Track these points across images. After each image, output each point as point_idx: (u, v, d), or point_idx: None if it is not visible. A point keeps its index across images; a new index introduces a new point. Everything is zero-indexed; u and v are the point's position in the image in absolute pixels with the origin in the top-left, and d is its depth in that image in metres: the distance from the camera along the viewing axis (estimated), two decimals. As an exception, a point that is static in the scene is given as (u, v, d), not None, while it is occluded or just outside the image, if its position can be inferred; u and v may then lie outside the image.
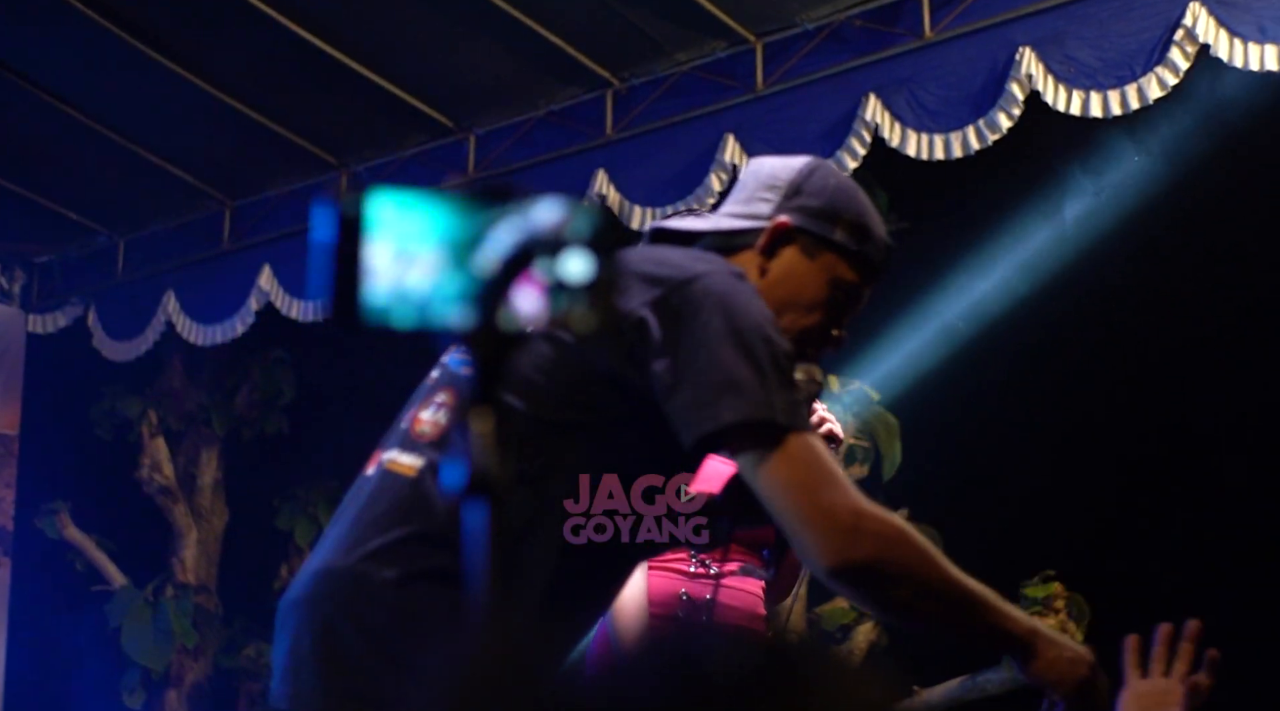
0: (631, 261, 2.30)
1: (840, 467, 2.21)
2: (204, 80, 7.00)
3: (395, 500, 2.28)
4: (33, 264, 8.82)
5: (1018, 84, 5.71)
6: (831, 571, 2.17)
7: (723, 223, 2.48)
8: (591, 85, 6.85)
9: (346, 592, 2.26)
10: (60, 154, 7.71)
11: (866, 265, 2.46)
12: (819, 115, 6.23)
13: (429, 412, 2.33)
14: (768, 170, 2.51)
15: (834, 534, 2.15)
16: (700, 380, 2.16)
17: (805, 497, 2.15)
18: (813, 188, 2.47)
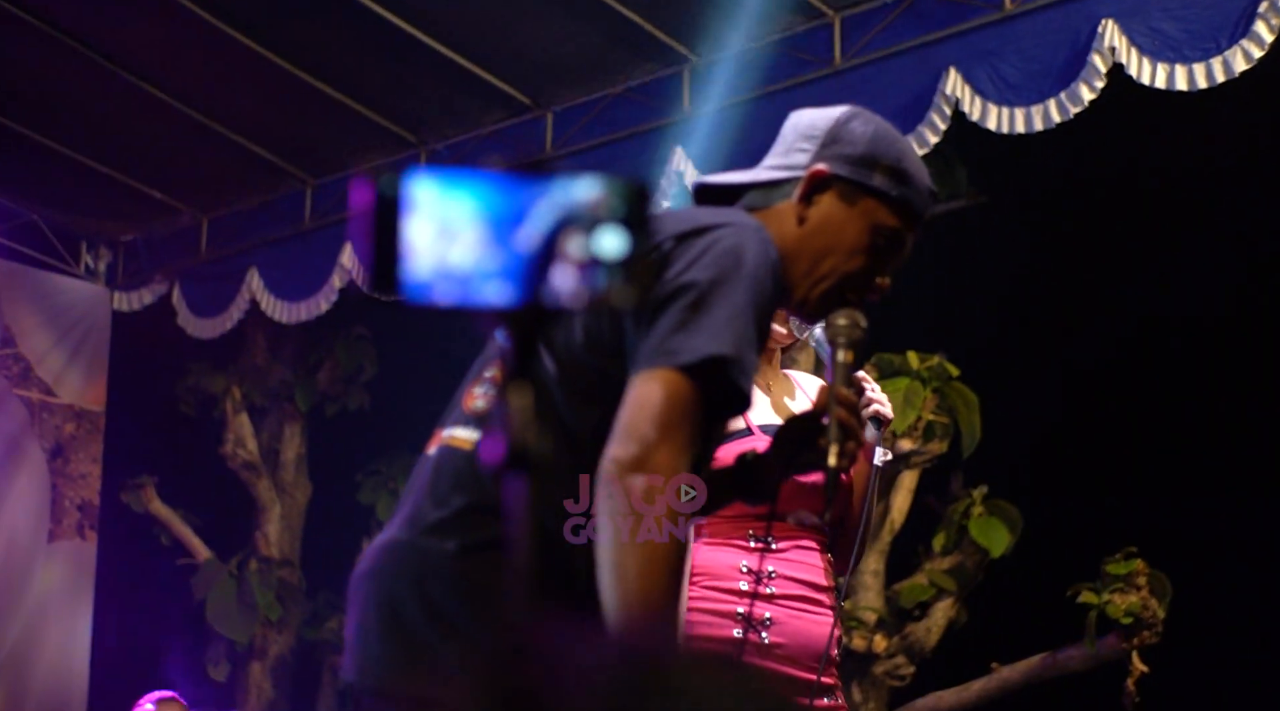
0: (664, 222, 2.33)
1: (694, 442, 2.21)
2: (285, 59, 7.05)
3: (454, 473, 2.32)
4: (117, 242, 8.92)
5: (1100, 56, 5.65)
6: (606, 477, 2.18)
7: (761, 175, 2.50)
8: (668, 61, 6.84)
9: (409, 565, 2.30)
10: (144, 133, 7.78)
11: (908, 210, 2.45)
12: (898, 90, 6.19)
13: (481, 388, 2.38)
14: (806, 121, 2.52)
15: (636, 454, 2.17)
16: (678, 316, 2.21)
17: (650, 423, 2.17)
18: (850, 135, 2.48)
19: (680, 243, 2.28)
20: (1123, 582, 6.84)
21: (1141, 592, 6.85)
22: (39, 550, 8.57)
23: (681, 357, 2.19)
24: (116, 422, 8.99)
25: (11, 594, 8.25)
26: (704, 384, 2.21)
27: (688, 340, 2.20)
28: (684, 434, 2.20)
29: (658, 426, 2.18)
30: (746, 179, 2.52)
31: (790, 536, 3.20)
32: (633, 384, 2.22)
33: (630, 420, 2.19)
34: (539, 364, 2.32)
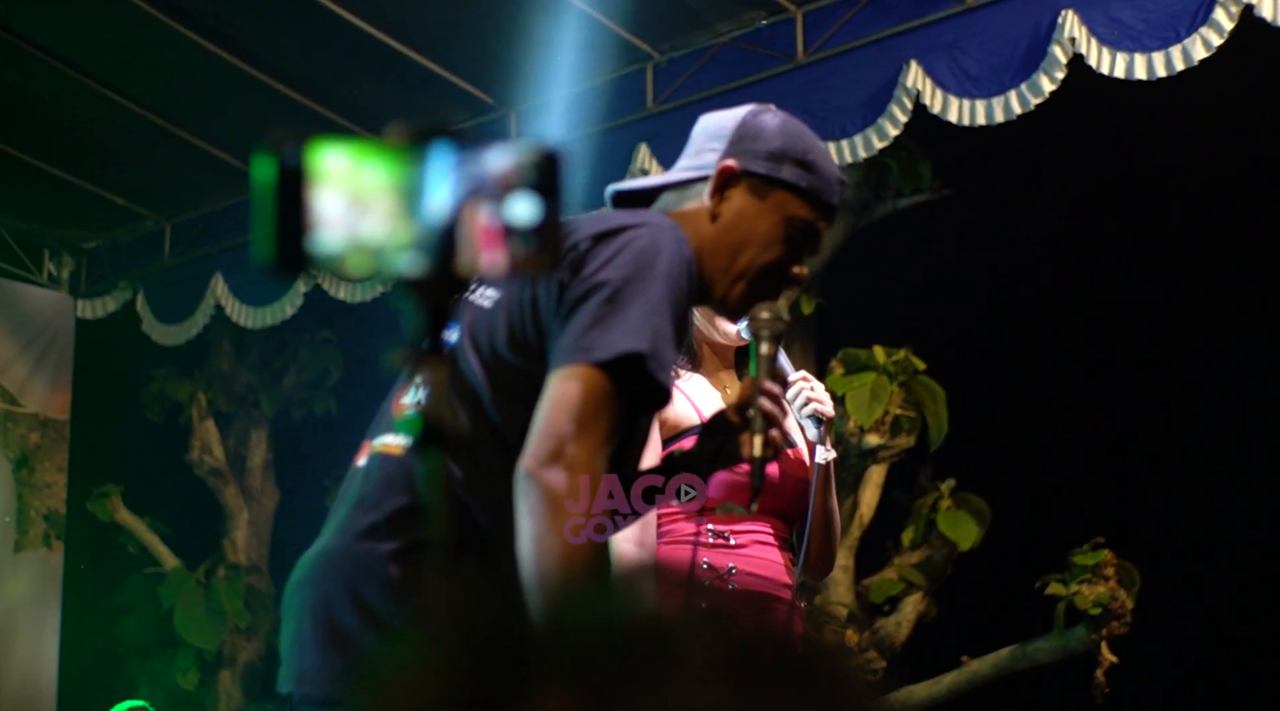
0: (581, 224, 2.36)
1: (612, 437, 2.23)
2: (248, 63, 7.03)
3: (386, 478, 2.34)
4: (81, 250, 8.88)
5: (1060, 47, 5.68)
6: (523, 474, 2.20)
7: (673, 177, 2.55)
8: (632, 59, 6.85)
9: (343, 571, 2.32)
10: (106, 139, 7.75)
11: (818, 200, 2.50)
12: (860, 83, 6.21)
13: (410, 395, 2.35)
14: (715, 122, 2.57)
15: (552, 449, 2.19)
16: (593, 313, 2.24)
17: (566, 419, 2.19)
18: (756, 131, 2.53)
19: (596, 243, 2.30)
20: (1090, 573, 6.87)
21: (1109, 583, 6.87)
22: (5, 561, 8.52)
23: (597, 354, 2.21)
24: (82, 431, 8.95)
25: (-22, 604, 8.21)
26: (621, 380, 2.22)
27: (603, 336, 2.22)
28: (601, 430, 2.22)
29: (575, 422, 2.20)
30: (660, 182, 2.56)
31: (750, 533, 3.20)
32: (549, 381, 2.23)
33: (547, 417, 2.21)
34: (466, 364, 2.37)
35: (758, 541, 3.20)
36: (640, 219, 2.37)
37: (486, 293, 2.44)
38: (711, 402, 3.21)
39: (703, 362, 3.30)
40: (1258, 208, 6.94)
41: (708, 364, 3.31)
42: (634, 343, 2.22)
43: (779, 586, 3.20)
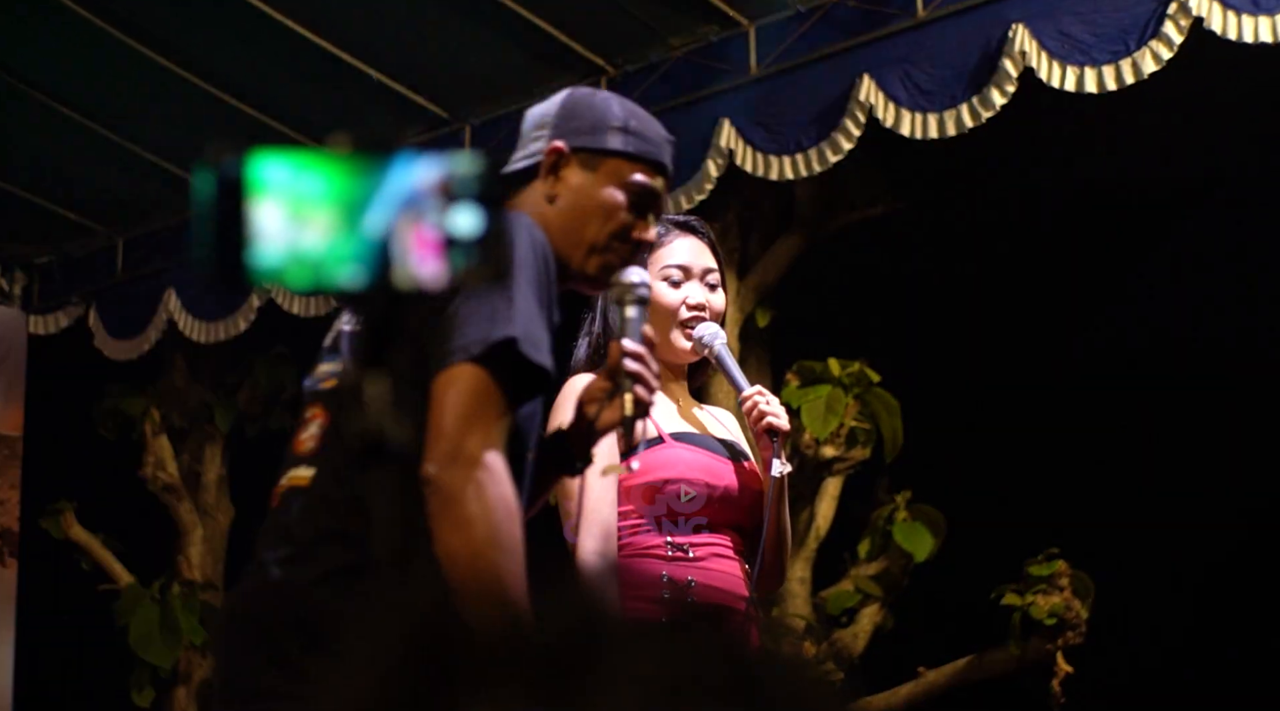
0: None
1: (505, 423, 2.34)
2: (201, 78, 7.00)
3: (301, 509, 2.41)
4: (32, 265, 8.82)
5: (1010, 60, 5.70)
6: (425, 476, 2.27)
7: (505, 170, 2.64)
8: (585, 73, 6.84)
9: (269, 604, 2.38)
10: (58, 154, 7.71)
11: (647, 160, 2.60)
12: (814, 97, 6.22)
13: (306, 432, 2.48)
14: (537, 113, 2.69)
15: (447, 449, 2.27)
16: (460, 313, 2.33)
17: (456, 418, 2.28)
18: (576, 109, 2.64)
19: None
20: (1045, 584, 6.89)
21: (1064, 593, 6.90)
22: (-43, 578, 8.45)
23: (472, 350, 2.30)
24: (35, 447, 8.88)
25: (-71, 623, 8.13)
26: (498, 368, 2.31)
27: (474, 331, 2.31)
28: (491, 422, 2.31)
29: (464, 419, 2.28)
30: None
31: (708, 546, 3.20)
32: (434, 387, 2.31)
33: (436, 421, 2.29)
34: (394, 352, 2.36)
35: (716, 554, 3.20)
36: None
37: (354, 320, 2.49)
38: (667, 415, 3.23)
39: (661, 379, 3.30)
40: (1211, 218, 6.99)
41: (664, 380, 3.28)
42: (503, 330, 2.30)
43: (737, 598, 3.20)
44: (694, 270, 3.28)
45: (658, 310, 3.17)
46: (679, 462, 3.18)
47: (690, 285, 3.27)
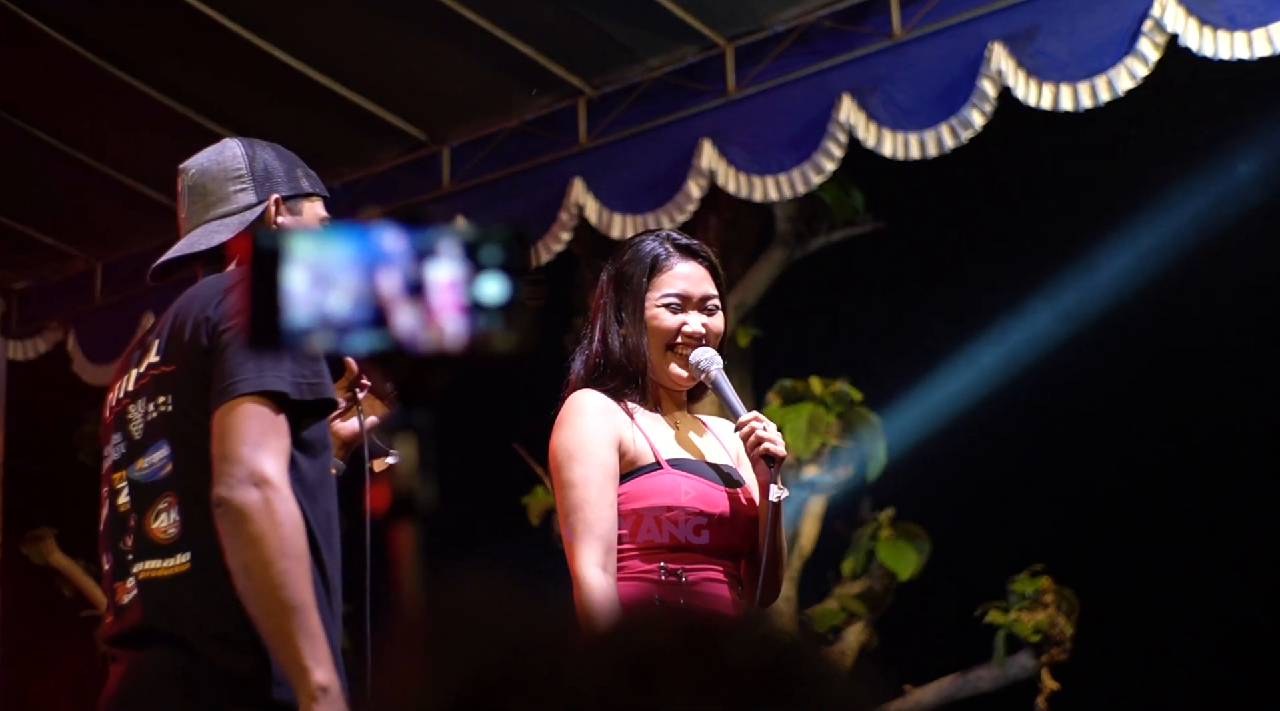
0: (205, 295, 2.73)
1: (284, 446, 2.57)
2: (175, 100, 6.98)
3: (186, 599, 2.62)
4: (10, 290, 8.78)
5: (989, 80, 5.70)
6: (217, 499, 2.50)
7: (217, 235, 2.85)
8: (564, 93, 6.84)
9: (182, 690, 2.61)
10: (34, 179, 7.68)
11: (319, 191, 2.96)
12: (793, 117, 6.21)
13: (161, 520, 2.66)
14: (216, 170, 2.90)
15: (237, 473, 2.48)
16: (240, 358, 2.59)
17: (239, 440, 2.50)
18: (267, 163, 2.90)
19: (226, 295, 2.64)
20: (1030, 600, 6.89)
21: (1049, 610, 6.90)
22: (-62, 606, 8.41)
23: (251, 385, 2.54)
24: (15, 473, 8.84)
25: (-90, 651, 8.09)
26: (277, 397, 2.55)
27: (251, 368, 2.55)
28: (275, 445, 2.54)
29: (250, 445, 2.51)
30: (208, 247, 2.86)
31: (701, 571, 3.21)
32: (217, 418, 2.55)
33: (225, 447, 2.52)
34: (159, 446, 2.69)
35: (709, 579, 3.21)
36: (234, 276, 2.64)
37: (122, 400, 2.78)
38: (664, 441, 3.26)
39: (659, 403, 3.33)
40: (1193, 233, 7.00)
41: (663, 404, 3.33)
42: (275, 368, 2.55)
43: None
44: (693, 298, 3.30)
45: (655, 335, 3.24)
46: (675, 490, 3.19)
47: (690, 313, 3.28)
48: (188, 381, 2.64)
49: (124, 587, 2.68)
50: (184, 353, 2.66)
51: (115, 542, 2.75)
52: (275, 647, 2.49)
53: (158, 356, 2.74)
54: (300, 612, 2.47)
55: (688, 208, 6.43)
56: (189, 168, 2.93)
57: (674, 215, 6.43)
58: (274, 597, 2.45)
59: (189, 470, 2.63)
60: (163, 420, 2.67)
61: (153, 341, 2.78)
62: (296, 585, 2.47)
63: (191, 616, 2.58)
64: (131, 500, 2.72)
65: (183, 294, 2.80)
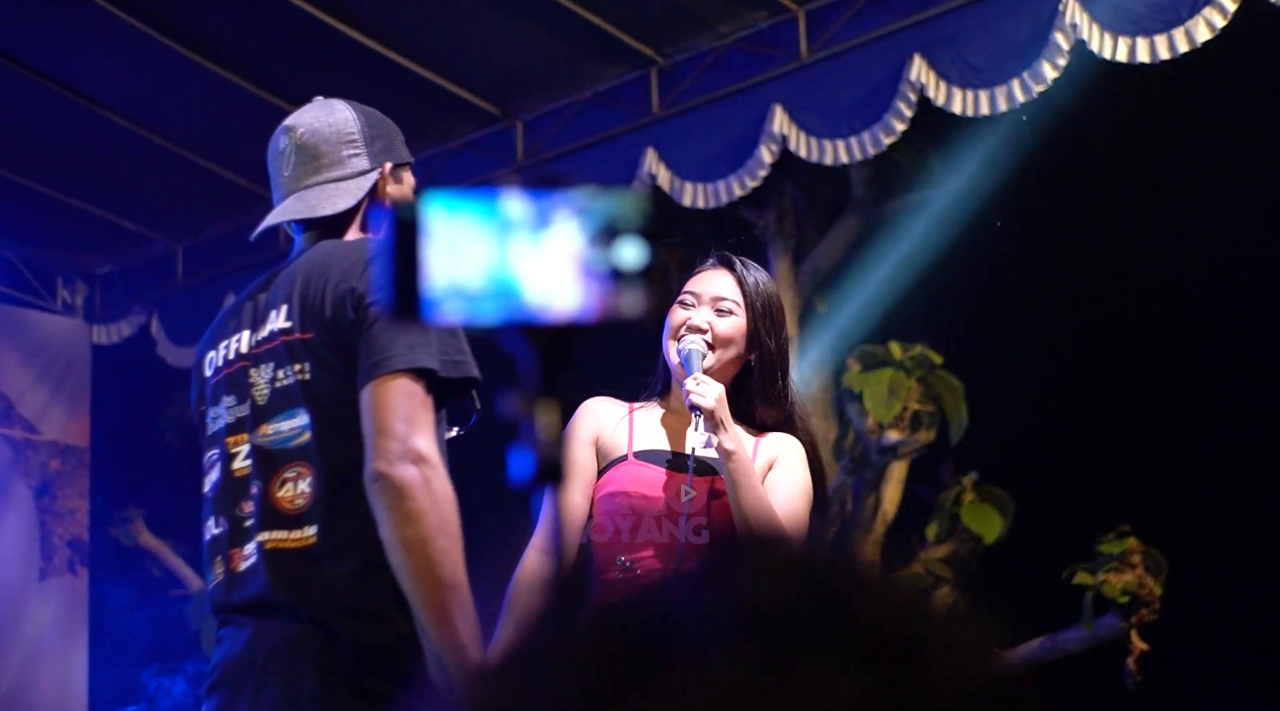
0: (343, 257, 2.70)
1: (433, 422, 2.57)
2: (251, 82, 7.03)
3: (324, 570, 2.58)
4: (93, 275, 8.89)
5: (1062, 33, 5.64)
6: (375, 474, 2.48)
7: (340, 199, 2.80)
8: (635, 64, 6.83)
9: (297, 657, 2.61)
10: (114, 164, 7.76)
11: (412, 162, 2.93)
12: (864, 79, 6.19)
13: (287, 489, 2.62)
14: (329, 130, 2.84)
15: (395, 449, 2.47)
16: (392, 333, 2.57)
17: (395, 417, 2.49)
18: (380, 127, 2.87)
19: (368, 267, 2.59)
20: (1117, 561, 6.83)
21: (1137, 570, 6.83)
22: (30, 588, 8.53)
23: (403, 361, 2.52)
24: (102, 456, 8.95)
25: (5, 634, 8.21)
26: (427, 374, 2.53)
27: (402, 345, 2.52)
28: (428, 422, 2.52)
29: (406, 421, 2.49)
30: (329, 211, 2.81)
31: (651, 560, 3.25)
32: (370, 394, 2.52)
33: (380, 423, 2.49)
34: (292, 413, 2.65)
35: (657, 569, 3.25)
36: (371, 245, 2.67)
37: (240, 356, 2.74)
38: (653, 435, 3.36)
39: (669, 397, 3.43)
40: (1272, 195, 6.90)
41: (674, 398, 3.40)
42: (427, 343, 2.53)
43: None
44: (703, 296, 3.39)
45: (668, 331, 3.38)
46: (625, 478, 3.30)
47: (700, 309, 3.38)
48: (329, 352, 2.60)
49: (240, 554, 2.64)
50: (325, 323, 2.62)
51: (231, 507, 2.69)
52: (430, 624, 2.47)
53: (288, 322, 2.67)
54: (458, 591, 2.47)
55: (759, 174, 6.41)
56: (297, 126, 2.86)
57: (746, 182, 6.42)
58: (433, 575, 2.45)
59: (327, 442, 2.59)
60: (300, 388, 2.62)
61: (280, 304, 2.71)
62: (454, 563, 2.47)
63: (322, 589, 2.55)
64: (253, 465, 2.67)
65: (299, 257, 2.76)
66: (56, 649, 8.55)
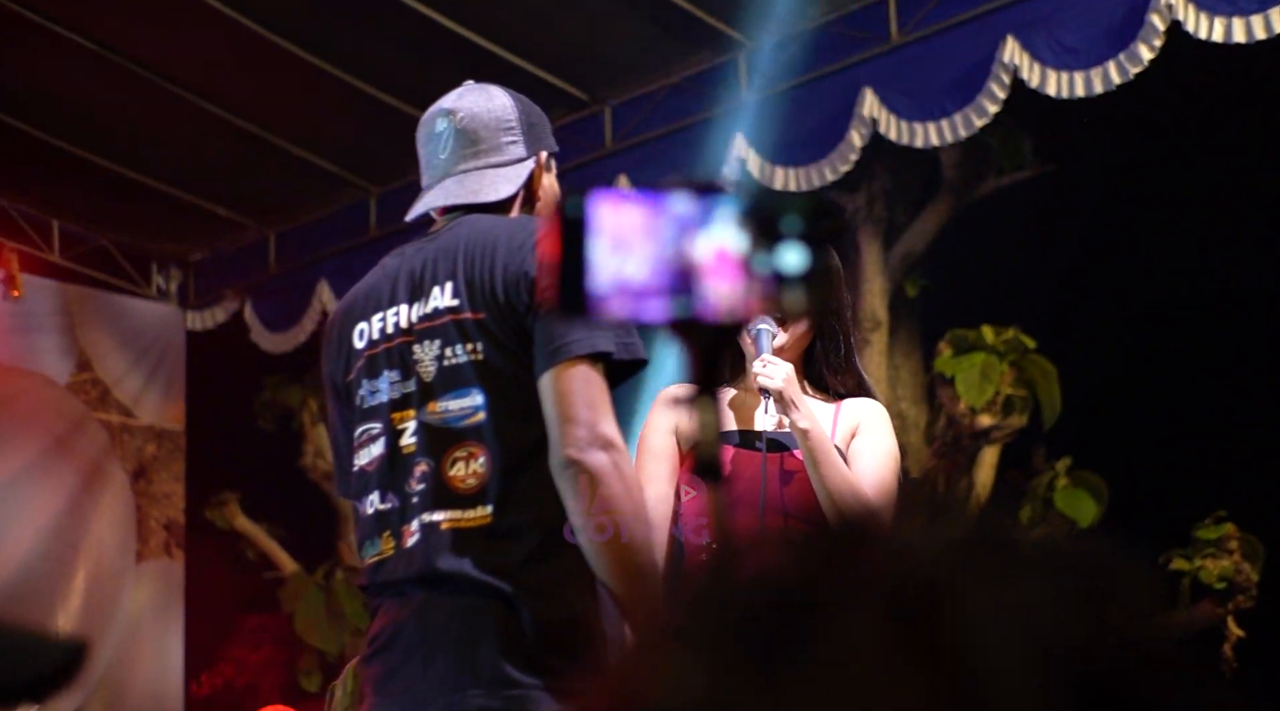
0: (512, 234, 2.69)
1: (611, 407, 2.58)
2: (341, 69, 7.07)
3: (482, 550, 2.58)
4: (187, 262, 8.98)
5: (1157, 14, 5.57)
6: (567, 461, 2.49)
7: (503, 186, 2.80)
8: (722, 49, 6.81)
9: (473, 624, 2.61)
10: (207, 151, 7.83)
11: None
12: (956, 61, 6.14)
13: (459, 468, 2.61)
14: (489, 116, 2.83)
15: (584, 435, 2.49)
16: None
17: (580, 403, 2.50)
18: (533, 115, 2.87)
19: (536, 249, 2.59)
20: (1214, 547, 6.75)
21: (1233, 557, 6.76)
22: (127, 571, 8.64)
23: (579, 348, 2.52)
24: (197, 440, 9.06)
25: (103, 615, 8.32)
26: (605, 360, 2.55)
27: (580, 329, 2.53)
28: (609, 407, 2.54)
29: (592, 407, 2.51)
30: (491, 197, 2.80)
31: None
32: (550, 380, 2.53)
33: (565, 409, 2.51)
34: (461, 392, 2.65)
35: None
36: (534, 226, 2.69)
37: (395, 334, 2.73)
38: (729, 416, 3.39)
39: (744, 378, 3.44)
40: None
41: (747, 378, 3.41)
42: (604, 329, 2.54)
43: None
44: None
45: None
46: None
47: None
48: (503, 333, 2.60)
49: (408, 531, 2.63)
50: (498, 305, 2.61)
51: (398, 483, 2.68)
52: (626, 609, 2.49)
53: (455, 300, 2.66)
54: (653, 575, 2.51)
55: (850, 157, 6.38)
56: (457, 110, 2.85)
57: (836, 165, 6.39)
58: (628, 560, 2.48)
59: (502, 423, 2.59)
60: (473, 368, 2.61)
61: (444, 281, 2.70)
62: (648, 548, 2.51)
63: (500, 567, 2.56)
64: (420, 443, 2.66)
65: (451, 232, 2.75)
66: (153, 630, 8.67)
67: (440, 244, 2.75)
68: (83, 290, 8.63)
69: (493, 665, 2.51)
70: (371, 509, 2.73)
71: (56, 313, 8.52)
